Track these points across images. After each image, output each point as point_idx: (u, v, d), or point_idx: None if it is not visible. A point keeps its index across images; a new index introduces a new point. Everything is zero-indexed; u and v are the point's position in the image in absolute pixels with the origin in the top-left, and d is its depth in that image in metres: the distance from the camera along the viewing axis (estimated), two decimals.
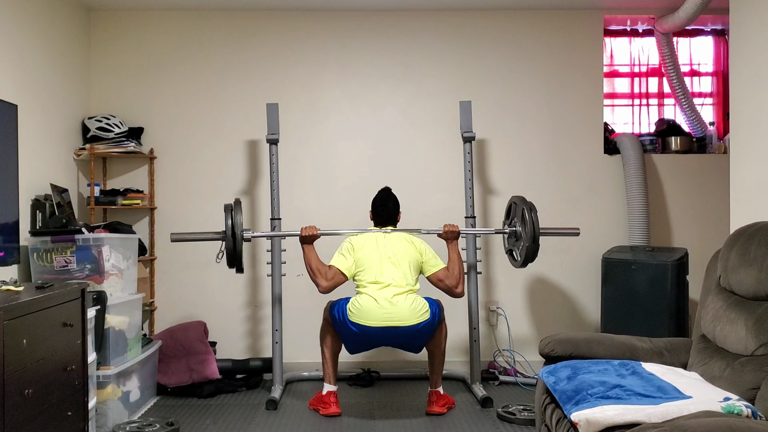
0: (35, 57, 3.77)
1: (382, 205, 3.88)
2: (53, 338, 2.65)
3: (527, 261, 3.72)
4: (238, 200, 3.65)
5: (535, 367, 4.39)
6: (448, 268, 3.73)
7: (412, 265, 3.69)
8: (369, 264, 3.66)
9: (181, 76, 4.55)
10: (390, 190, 3.95)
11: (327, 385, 3.76)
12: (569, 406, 2.21)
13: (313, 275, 3.68)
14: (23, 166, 3.49)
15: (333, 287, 3.68)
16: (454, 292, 3.73)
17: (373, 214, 3.91)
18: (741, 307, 2.48)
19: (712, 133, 4.72)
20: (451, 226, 3.76)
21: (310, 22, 4.57)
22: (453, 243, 3.76)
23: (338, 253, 3.74)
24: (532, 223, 3.60)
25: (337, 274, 3.67)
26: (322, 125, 4.58)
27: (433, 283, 3.76)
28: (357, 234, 3.82)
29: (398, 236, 3.78)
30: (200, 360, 4.16)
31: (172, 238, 3.65)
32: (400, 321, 3.53)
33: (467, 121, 4.24)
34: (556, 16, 4.60)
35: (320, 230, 3.74)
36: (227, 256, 3.55)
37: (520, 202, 3.74)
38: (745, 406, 2.05)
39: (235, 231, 3.51)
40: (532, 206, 3.65)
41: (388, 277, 3.62)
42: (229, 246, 3.52)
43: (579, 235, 3.88)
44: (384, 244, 3.72)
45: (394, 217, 3.89)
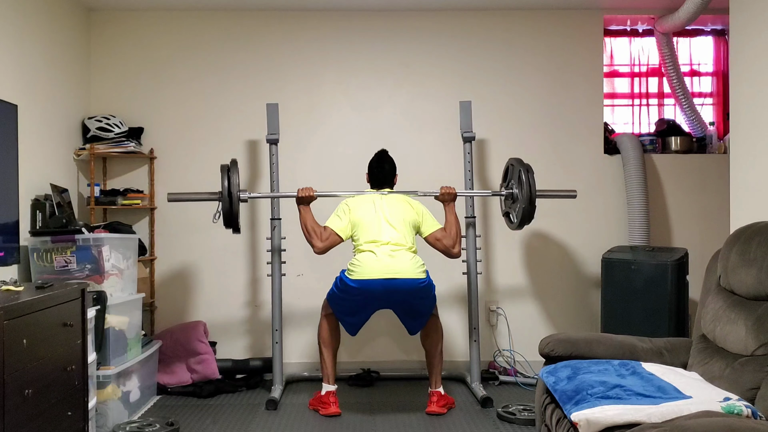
0: (35, 57, 3.77)
1: (378, 167, 3.87)
2: (53, 338, 2.65)
3: (523, 222, 3.76)
4: (235, 161, 3.66)
5: (535, 367, 4.39)
6: (445, 229, 3.74)
7: (410, 225, 3.70)
8: (366, 224, 3.66)
9: (181, 76, 4.55)
10: (386, 152, 3.93)
11: (326, 386, 3.76)
12: (569, 406, 2.21)
13: (308, 236, 3.69)
14: (23, 166, 3.49)
15: (328, 248, 3.69)
16: (450, 252, 3.74)
17: (370, 177, 3.90)
18: (741, 307, 2.48)
19: (712, 133, 4.72)
20: (448, 188, 3.79)
21: (310, 22, 4.57)
22: (450, 205, 3.79)
23: (334, 214, 3.75)
24: (528, 185, 3.64)
25: (332, 235, 3.68)
26: (322, 125, 4.58)
27: (430, 244, 3.76)
28: (354, 196, 3.82)
29: (395, 197, 3.78)
30: (200, 360, 4.16)
31: (168, 198, 3.72)
32: (399, 273, 3.54)
33: (467, 121, 4.24)
34: (556, 16, 4.60)
35: (317, 192, 3.75)
36: (224, 217, 3.58)
37: (517, 164, 3.77)
38: (745, 406, 2.05)
39: (231, 191, 3.53)
40: (529, 167, 3.71)
41: (385, 236, 3.62)
42: (225, 206, 3.54)
43: (576, 198, 3.97)
44: (381, 205, 3.71)
45: (390, 179, 3.88)
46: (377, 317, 4.45)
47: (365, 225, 3.66)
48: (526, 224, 3.79)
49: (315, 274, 4.46)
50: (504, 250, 4.60)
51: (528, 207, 3.66)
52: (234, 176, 3.55)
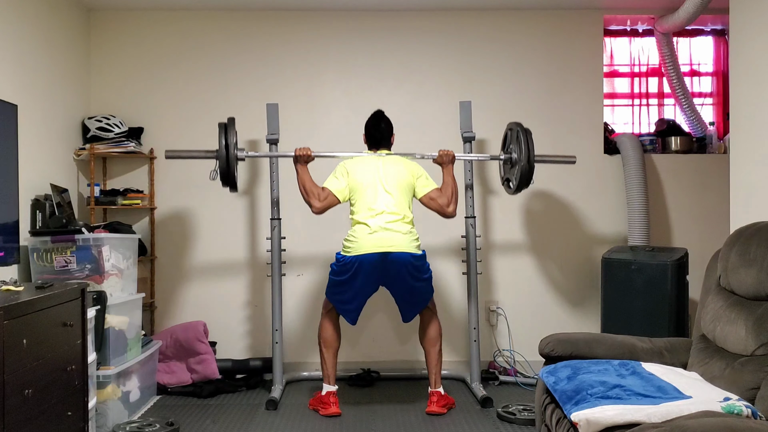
0: (35, 57, 3.77)
1: (374, 127, 3.86)
2: (53, 338, 2.65)
3: (521, 185, 3.79)
4: (232, 118, 3.66)
5: (535, 367, 4.39)
6: (441, 189, 3.74)
7: (406, 190, 3.70)
8: (363, 190, 3.66)
9: (181, 76, 4.55)
10: (383, 112, 3.92)
11: (326, 386, 3.76)
12: (569, 406, 2.21)
13: (306, 196, 3.69)
14: (23, 166, 3.48)
15: (326, 208, 3.70)
16: (445, 211, 3.73)
17: (366, 137, 3.89)
18: (741, 307, 2.48)
19: (712, 133, 4.72)
20: (446, 151, 3.80)
21: (310, 22, 4.57)
22: (448, 167, 3.79)
23: (332, 175, 3.74)
24: (527, 144, 3.68)
25: (330, 195, 3.68)
26: (322, 125, 4.58)
27: (425, 204, 3.76)
28: (352, 157, 3.81)
29: (393, 159, 3.77)
30: (200, 360, 4.16)
31: (166, 155, 3.76)
32: (394, 246, 3.55)
33: (467, 121, 4.24)
34: (556, 16, 4.60)
35: (314, 152, 3.75)
36: (221, 175, 3.60)
37: (516, 127, 3.80)
38: (745, 406, 2.05)
39: (228, 149, 3.54)
40: (528, 130, 3.76)
41: (381, 204, 3.62)
42: (222, 165, 3.56)
43: (575, 164, 4.03)
44: (378, 167, 3.70)
45: (387, 138, 3.87)
46: (376, 317, 4.46)
47: (362, 191, 3.66)
48: (525, 187, 3.81)
49: (315, 274, 4.46)
50: (504, 250, 4.60)
51: (526, 167, 3.67)
52: (231, 134, 3.56)
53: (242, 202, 4.56)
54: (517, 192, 3.90)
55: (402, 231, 3.60)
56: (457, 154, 3.85)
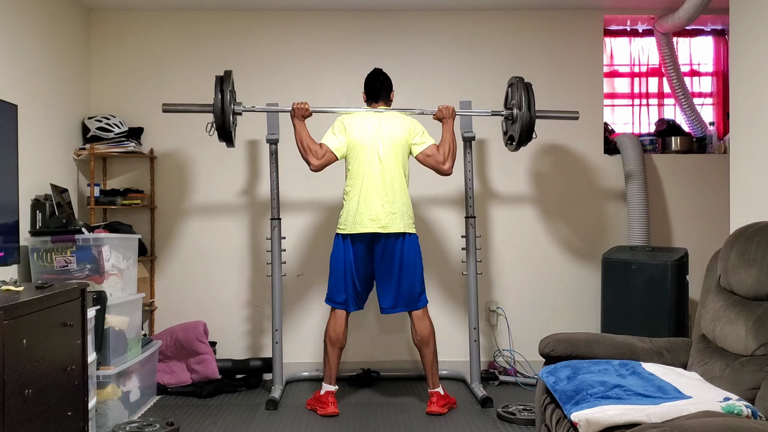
0: (35, 57, 3.77)
1: (373, 78, 3.86)
2: (53, 338, 2.65)
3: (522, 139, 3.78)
4: (229, 71, 3.66)
5: (535, 367, 4.39)
6: (438, 146, 3.72)
7: (403, 147, 3.69)
8: (360, 148, 3.66)
9: (181, 76, 4.55)
10: (381, 69, 3.92)
11: (326, 385, 3.76)
12: (569, 406, 2.21)
13: (304, 152, 3.68)
14: (23, 166, 3.49)
15: (324, 165, 3.70)
16: (441, 168, 3.71)
17: (366, 90, 3.88)
18: (741, 307, 2.48)
19: (712, 133, 4.72)
20: (446, 106, 3.78)
21: (310, 22, 4.57)
22: (447, 122, 3.76)
23: (330, 132, 3.73)
24: (527, 96, 3.68)
25: (328, 152, 3.68)
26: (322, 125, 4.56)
27: (421, 161, 3.74)
28: (350, 113, 3.80)
29: (390, 115, 3.76)
30: (200, 360, 4.16)
31: (163, 108, 3.76)
32: (385, 227, 3.59)
33: (467, 121, 4.24)
34: (556, 16, 4.60)
35: (312, 108, 3.75)
36: (217, 129, 3.60)
37: (517, 81, 3.81)
38: (745, 406, 2.05)
39: (224, 103, 3.53)
40: (529, 84, 3.76)
41: (376, 175, 3.63)
42: (218, 120, 3.56)
43: (578, 119, 4.02)
44: (377, 126, 3.69)
45: (386, 93, 3.86)
46: (377, 317, 4.46)
47: (358, 152, 3.66)
48: (526, 142, 3.80)
49: (315, 274, 4.46)
50: (504, 250, 4.60)
51: (527, 117, 3.66)
52: (227, 87, 3.55)
53: (242, 203, 4.56)
54: (519, 147, 3.86)
55: (395, 205, 3.62)
56: (457, 110, 3.83)
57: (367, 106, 3.86)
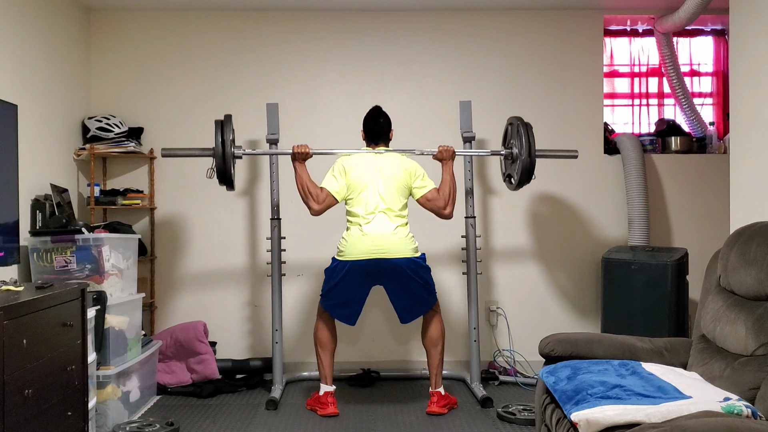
0: (35, 57, 3.77)
1: (373, 121, 3.83)
2: (53, 338, 2.65)
3: (522, 180, 3.76)
4: (229, 115, 3.64)
5: (535, 367, 4.39)
6: (438, 189, 3.71)
7: (402, 189, 3.68)
8: (360, 188, 3.64)
9: (181, 76, 4.55)
10: (381, 107, 3.90)
11: (324, 386, 3.76)
12: (569, 406, 2.21)
13: (304, 196, 3.67)
14: (23, 166, 3.48)
15: (324, 210, 3.69)
16: (442, 213, 3.71)
17: (365, 132, 3.86)
18: (741, 307, 2.48)
19: (712, 133, 4.72)
20: (446, 147, 3.77)
21: (310, 22, 4.57)
22: (447, 164, 3.75)
23: (330, 174, 3.72)
24: (528, 138, 3.64)
25: (329, 197, 3.67)
26: (322, 125, 4.58)
27: (422, 205, 3.74)
28: (349, 154, 3.78)
29: (390, 157, 3.74)
30: (200, 360, 4.16)
31: (162, 153, 3.72)
32: (388, 253, 3.54)
33: (467, 121, 4.24)
34: (556, 16, 4.60)
35: (312, 149, 3.73)
36: (217, 173, 3.57)
37: (516, 121, 3.77)
38: (745, 406, 2.05)
39: (225, 147, 3.51)
40: (529, 124, 3.71)
41: (377, 207, 3.61)
42: (218, 163, 3.53)
43: (577, 158, 3.98)
44: (376, 166, 3.68)
45: (386, 134, 3.85)
46: (376, 317, 4.46)
47: (359, 191, 3.65)
48: (526, 183, 3.77)
49: (315, 274, 4.46)
50: (504, 250, 4.60)
51: (528, 161, 3.64)
52: (227, 131, 3.53)
53: (242, 203, 4.56)
54: (519, 187, 3.86)
55: (397, 235, 3.58)
56: (457, 150, 3.83)
57: (366, 146, 3.86)
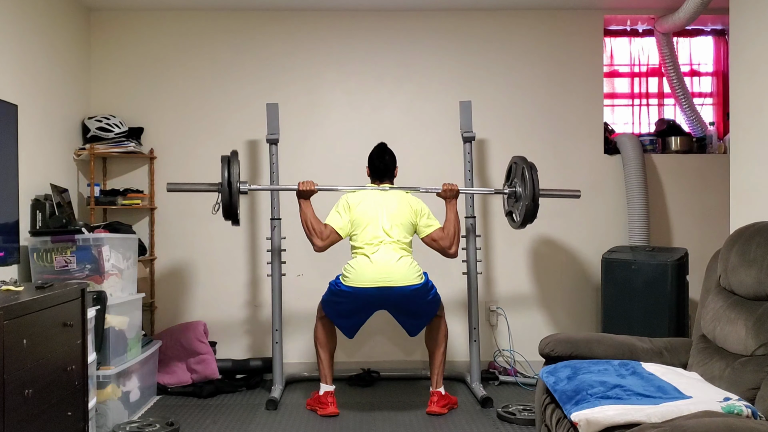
0: (35, 57, 3.77)
1: (378, 158, 3.85)
2: (53, 338, 2.65)
3: (526, 221, 3.75)
4: (235, 152, 3.64)
5: (535, 367, 4.39)
6: (443, 228, 3.72)
7: (407, 226, 3.69)
8: (365, 224, 3.65)
9: (181, 76, 4.55)
10: (386, 144, 3.91)
11: (324, 386, 3.76)
12: (569, 406, 2.21)
13: (308, 233, 3.68)
14: (23, 166, 3.49)
15: (328, 246, 3.69)
16: (447, 252, 3.72)
17: (370, 169, 3.88)
18: (741, 307, 2.48)
19: (712, 133, 4.72)
20: (450, 185, 3.77)
21: (310, 22, 4.57)
22: (451, 202, 3.76)
23: (334, 210, 3.73)
24: (532, 182, 3.63)
25: (333, 233, 3.67)
26: (322, 125, 4.58)
27: (427, 244, 3.75)
28: (354, 191, 3.79)
29: (395, 194, 3.76)
30: (200, 360, 4.16)
31: (168, 188, 3.69)
32: (393, 282, 3.53)
33: (467, 121, 4.24)
34: (556, 16, 4.60)
35: (318, 186, 3.72)
36: (223, 209, 3.56)
37: (521, 162, 3.75)
38: (745, 406, 2.05)
39: (231, 182, 3.51)
40: (533, 166, 3.69)
41: (383, 236, 3.62)
42: (224, 198, 3.52)
43: (580, 198, 3.95)
44: (381, 203, 3.70)
45: (391, 171, 3.86)
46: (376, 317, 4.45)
47: (364, 224, 3.66)
48: (529, 223, 3.78)
49: (315, 274, 4.45)
50: (504, 250, 4.60)
51: (531, 205, 3.65)
52: (234, 167, 3.53)
53: (242, 203, 4.54)
54: (522, 227, 3.85)
55: (403, 263, 3.58)
56: (461, 188, 3.84)
57: (371, 182, 3.87)
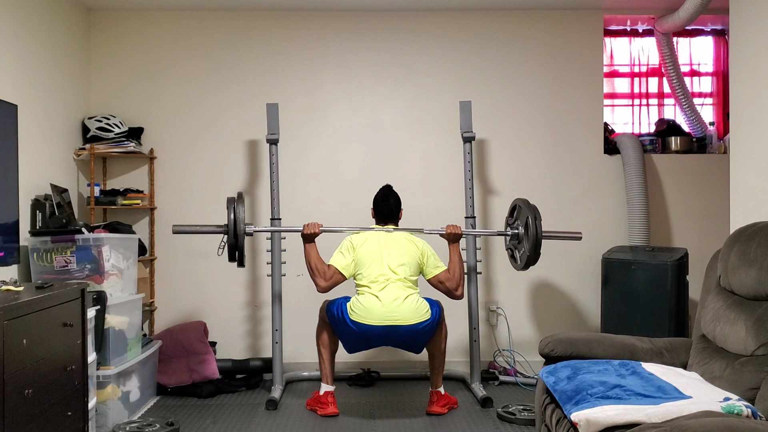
0: (35, 57, 3.77)
1: (383, 201, 3.87)
2: (53, 338, 2.65)
3: (528, 266, 3.77)
4: (241, 194, 3.67)
5: (535, 367, 4.39)
6: (449, 270, 3.73)
7: (413, 265, 3.70)
8: (369, 263, 3.66)
9: (181, 76, 4.55)
10: (391, 187, 3.94)
11: (324, 386, 3.76)
12: (569, 406, 2.21)
13: (312, 274, 3.69)
14: (23, 166, 3.49)
15: (331, 287, 3.69)
16: (454, 294, 3.74)
17: (375, 212, 3.90)
18: (741, 307, 2.48)
19: (712, 133, 4.72)
20: (454, 228, 3.76)
21: (310, 22, 4.57)
22: (455, 244, 3.76)
23: (338, 251, 3.74)
24: (535, 230, 3.62)
25: (336, 274, 3.67)
26: (322, 125, 4.58)
27: (433, 285, 3.76)
28: (358, 232, 3.81)
29: (400, 235, 3.78)
30: (200, 360, 4.16)
31: (174, 230, 3.67)
32: (402, 320, 3.53)
33: (467, 121, 4.24)
34: (556, 16, 4.60)
35: (322, 227, 3.73)
36: (228, 250, 3.57)
37: (525, 207, 3.74)
38: (745, 406, 2.05)
39: (237, 225, 3.53)
40: (537, 214, 3.66)
41: (388, 274, 3.62)
42: (230, 240, 3.54)
43: (581, 240, 3.89)
44: (385, 243, 3.72)
45: (396, 214, 3.88)
46: None
47: (369, 263, 3.66)
48: (532, 266, 3.78)
49: None
50: (504, 251, 4.59)
51: (533, 254, 3.66)
52: (240, 210, 3.54)
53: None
54: (524, 270, 3.85)
55: (410, 303, 3.57)
56: (464, 231, 3.84)
57: (376, 224, 3.87)
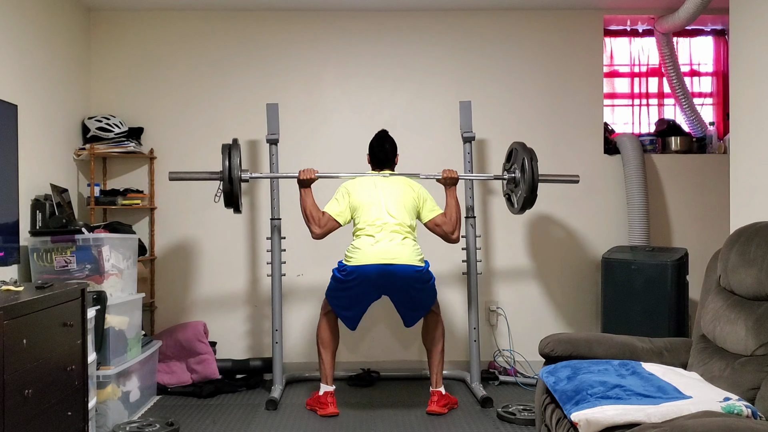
0: (35, 57, 3.77)
1: (378, 146, 3.87)
2: (53, 338, 2.65)
3: (524, 208, 3.79)
4: (236, 140, 3.67)
5: (535, 367, 4.39)
6: (445, 214, 3.74)
7: (410, 209, 3.71)
8: (365, 207, 3.67)
9: (181, 76, 4.55)
10: (387, 132, 3.94)
11: (324, 386, 3.76)
12: (569, 406, 2.21)
13: (307, 220, 3.71)
14: (23, 166, 3.49)
15: (326, 234, 3.71)
16: (450, 237, 3.75)
17: (370, 157, 3.90)
18: (741, 307, 2.48)
19: (712, 133, 4.72)
20: (450, 172, 3.78)
21: (310, 22, 4.57)
22: (451, 189, 3.78)
23: (333, 198, 3.76)
24: (531, 172, 3.65)
25: (330, 221, 3.69)
26: (322, 125, 4.58)
27: (430, 229, 3.78)
28: (354, 178, 3.81)
29: (396, 179, 3.78)
30: (200, 360, 4.17)
31: (170, 176, 3.72)
32: (396, 258, 3.56)
33: (467, 121, 4.24)
34: (556, 16, 4.60)
35: (318, 173, 3.74)
36: (224, 196, 3.60)
37: (522, 150, 3.76)
38: (745, 406, 2.05)
39: (232, 171, 3.54)
40: (533, 156, 3.71)
41: (385, 218, 3.64)
42: (226, 186, 3.56)
43: (578, 183, 3.99)
44: (381, 187, 3.72)
45: (391, 159, 3.88)
46: (376, 317, 4.45)
47: (365, 208, 3.67)
48: (528, 209, 3.82)
49: (315, 274, 4.46)
50: (504, 250, 4.60)
51: (530, 195, 3.69)
52: (235, 155, 3.56)
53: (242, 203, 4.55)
54: (521, 213, 3.89)
55: (406, 244, 3.61)
56: (461, 175, 3.84)
57: (371, 170, 3.88)
